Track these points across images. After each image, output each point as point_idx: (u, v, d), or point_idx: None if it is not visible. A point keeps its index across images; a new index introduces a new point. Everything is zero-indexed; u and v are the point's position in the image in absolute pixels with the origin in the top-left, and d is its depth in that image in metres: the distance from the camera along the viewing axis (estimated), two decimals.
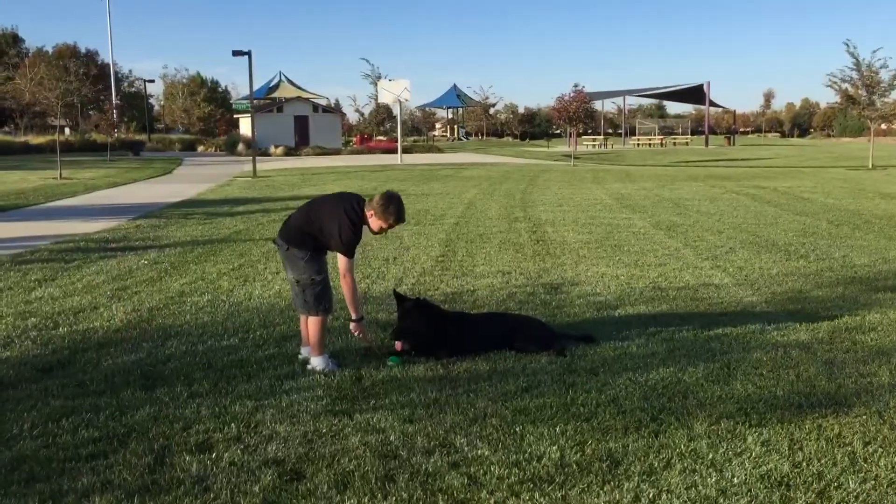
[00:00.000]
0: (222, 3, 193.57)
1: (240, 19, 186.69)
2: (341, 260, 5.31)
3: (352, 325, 5.50)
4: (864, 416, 4.41)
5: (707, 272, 8.83)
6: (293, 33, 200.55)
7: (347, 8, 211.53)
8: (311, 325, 5.43)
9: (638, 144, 68.03)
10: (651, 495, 3.52)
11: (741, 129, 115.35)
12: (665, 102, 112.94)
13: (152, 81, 69.56)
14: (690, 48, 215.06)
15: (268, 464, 3.84)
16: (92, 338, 6.17)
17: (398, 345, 5.62)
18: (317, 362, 5.38)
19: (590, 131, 75.44)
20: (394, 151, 42.84)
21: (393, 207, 5.32)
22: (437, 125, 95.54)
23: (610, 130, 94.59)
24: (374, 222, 5.34)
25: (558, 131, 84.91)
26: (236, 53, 28.38)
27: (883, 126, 49.03)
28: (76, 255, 10.04)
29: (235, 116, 61.90)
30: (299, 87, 67.23)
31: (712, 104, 75.44)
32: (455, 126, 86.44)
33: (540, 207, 16.03)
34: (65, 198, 18.98)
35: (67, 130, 53.52)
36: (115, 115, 44.38)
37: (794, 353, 5.64)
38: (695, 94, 74.21)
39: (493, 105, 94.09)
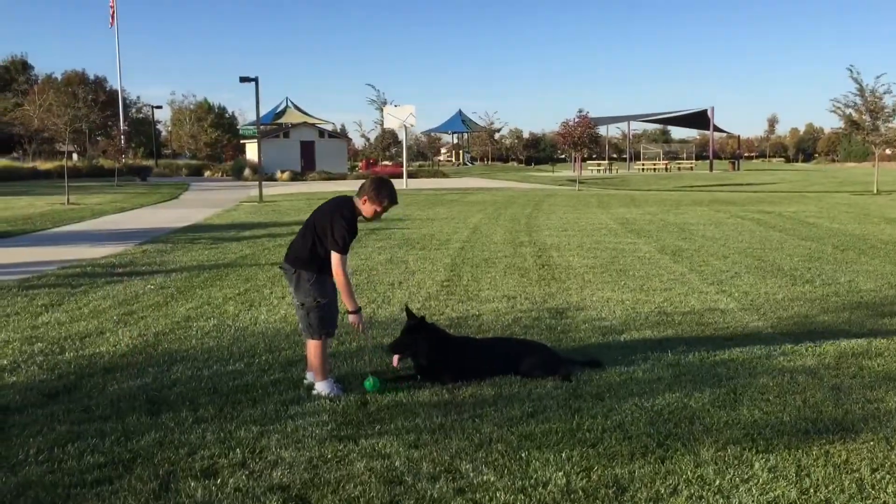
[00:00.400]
0: (230, 30, 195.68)
1: (247, 46, 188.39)
2: (334, 256, 5.32)
3: (350, 318, 5.46)
4: (872, 443, 4.38)
5: (712, 297, 8.82)
6: (300, 59, 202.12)
7: (354, 34, 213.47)
8: (310, 349, 5.47)
9: (643, 169, 68.14)
10: None
11: (745, 154, 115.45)
12: (669, 127, 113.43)
13: (160, 107, 70.37)
14: (695, 73, 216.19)
15: (273, 490, 3.84)
16: (98, 363, 6.18)
17: (395, 359, 5.63)
18: (321, 387, 5.38)
19: (594, 156, 75.73)
20: (399, 176, 42.99)
21: (385, 190, 5.44)
22: (443, 150, 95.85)
23: (615, 155, 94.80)
24: (368, 207, 5.41)
25: (563, 156, 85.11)
26: (244, 80, 28.63)
27: (887, 151, 49.01)
28: (83, 280, 10.08)
29: (242, 142, 62.30)
30: (305, 113, 67.68)
31: (716, 129, 75.66)
32: (460, 151, 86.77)
33: (545, 232, 16.06)
34: (72, 223, 19.08)
35: (75, 156, 53.88)
36: (122, 141, 44.71)
37: (800, 378, 5.62)
38: (699, 119, 74.48)
39: (498, 130, 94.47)
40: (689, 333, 7.08)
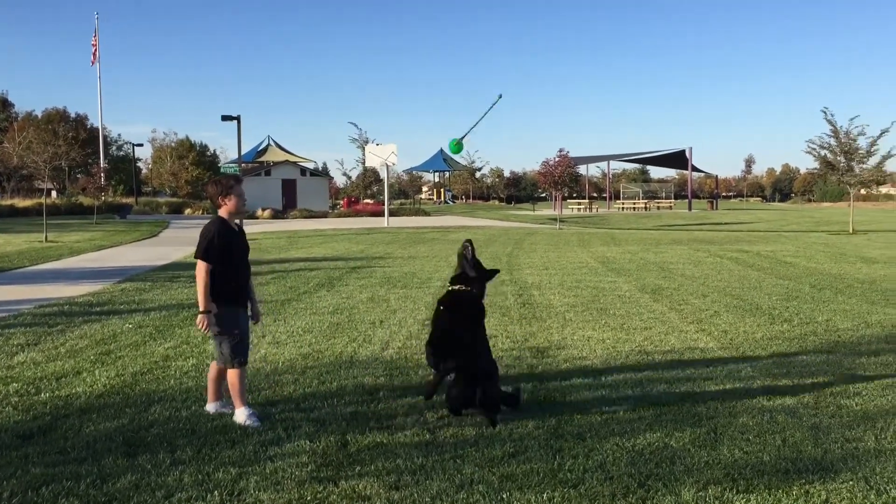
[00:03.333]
0: (212, 69, 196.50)
1: (230, 84, 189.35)
2: (199, 265, 5.48)
3: (199, 318, 5.48)
4: (851, 482, 4.40)
5: (692, 336, 8.87)
6: (282, 98, 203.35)
7: (336, 73, 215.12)
8: (229, 378, 5.58)
9: (622, 208, 68.74)
10: None
11: (723, 194, 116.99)
12: (648, 167, 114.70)
13: (141, 145, 70.21)
14: (673, 114, 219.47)
15: None
16: (74, 403, 6.09)
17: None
18: (239, 414, 5.51)
19: (575, 195, 76.32)
20: (381, 214, 43.10)
21: (223, 179, 5.78)
22: (424, 188, 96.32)
23: (595, 194, 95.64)
24: (232, 202, 5.69)
25: (544, 195, 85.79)
26: (225, 118, 28.75)
27: (862, 191, 49.84)
28: (60, 320, 9.97)
29: None
30: (287, 151, 67.81)
31: (695, 169, 76.59)
32: (441, 189, 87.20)
33: (526, 270, 16.11)
34: (50, 261, 18.90)
35: (54, 193, 53.63)
36: (102, 179, 44.51)
37: (779, 417, 5.65)
38: (677, 159, 75.41)
39: (479, 169, 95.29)
40: (669, 372, 7.10)
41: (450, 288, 6.02)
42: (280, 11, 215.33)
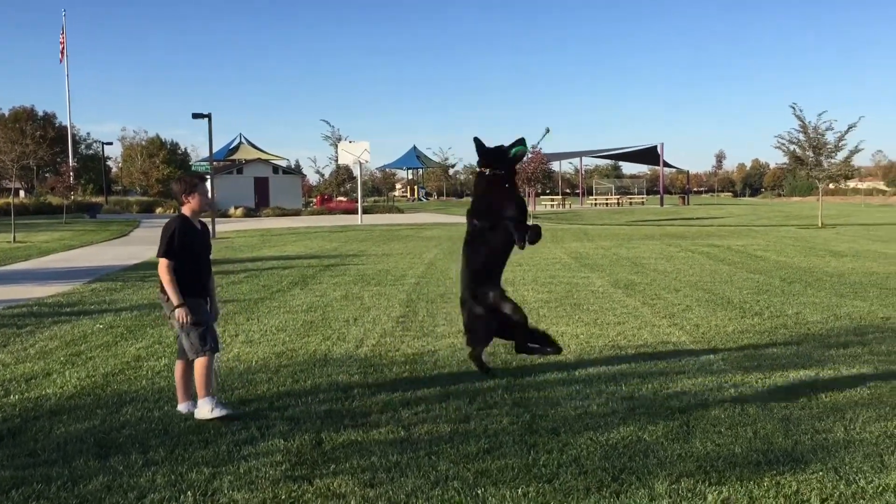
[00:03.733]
0: (183, 66, 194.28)
1: (200, 82, 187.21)
2: (161, 262, 5.51)
3: (176, 312, 5.46)
4: (821, 473, 4.47)
5: (665, 330, 8.95)
6: (254, 96, 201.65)
7: (308, 70, 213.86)
8: (197, 366, 5.55)
9: (595, 204, 69.15)
10: None
11: (695, 189, 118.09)
12: (621, 163, 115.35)
13: (110, 144, 69.62)
14: (645, 110, 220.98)
15: None
16: (44, 405, 6.02)
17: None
18: (202, 405, 5.50)
19: (548, 191, 76.59)
20: (354, 212, 42.97)
21: (186, 177, 5.84)
22: (398, 185, 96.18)
23: (567, 190, 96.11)
24: (195, 200, 5.72)
25: None
26: (196, 116, 28.45)
27: (831, 186, 50.53)
28: (29, 321, 9.82)
29: None
30: (259, 149, 67.38)
31: (666, 165, 77.22)
32: (415, 186, 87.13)
33: None
34: (18, 261, 18.62)
35: (22, 193, 52.81)
36: (71, 178, 43.92)
37: (751, 410, 5.72)
38: (649, 155, 75.95)
39: (453, 166, 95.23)
40: (642, 366, 7.16)
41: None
42: (251, 9, 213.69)
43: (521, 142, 6.72)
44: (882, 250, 20.20)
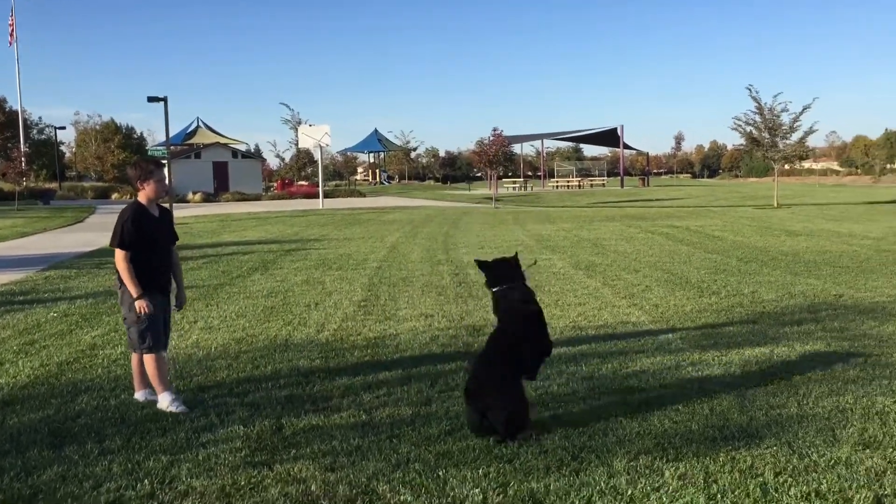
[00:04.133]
0: (137, 49, 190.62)
1: (155, 65, 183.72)
2: (117, 253, 5.41)
3: (136, 304, 5.39)
4: (775, 447, 4.55)
5: (624, 310, 9.04)
6: (210, 79, 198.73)
7: (265, 53, 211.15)
8: (146, 364, 5.50)
9: (557, 186, 69.49)
10: None
11: (654, 171, 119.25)
12: (582, 145, 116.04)
13: (63, 128, 67.95)
14: (605, 92, 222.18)
15: None
16: None
17: None
18: (162, 399, 5.45)
19: (510, 174, 76.75)
20: (315, 196, 42.64)
21: (142, 163, 5.64)
22: (359, 169, 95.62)
23: (529, 173, 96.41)
24: (151, 187, 5.54)
25: (479, 174, 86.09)
26: (151, 99, 27.88)
27: (786, 166, 51.41)
28: None
29: None
30: (218, 133, 66.49)
31: (626, 147, 77.89)
32: (377, 170, 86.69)
33: (462, 250, 16.16)
34: None
35: None
36: (23, 163, 42.86)
37: (708, 387, 5.80)
38: (610, 137, 76.55)
39: (415, 149, 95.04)
40: (602, 346, 7.23)
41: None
42: None
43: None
44: (835, 229, 20.62)
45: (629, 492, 3.96)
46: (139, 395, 5.68)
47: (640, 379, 6.07)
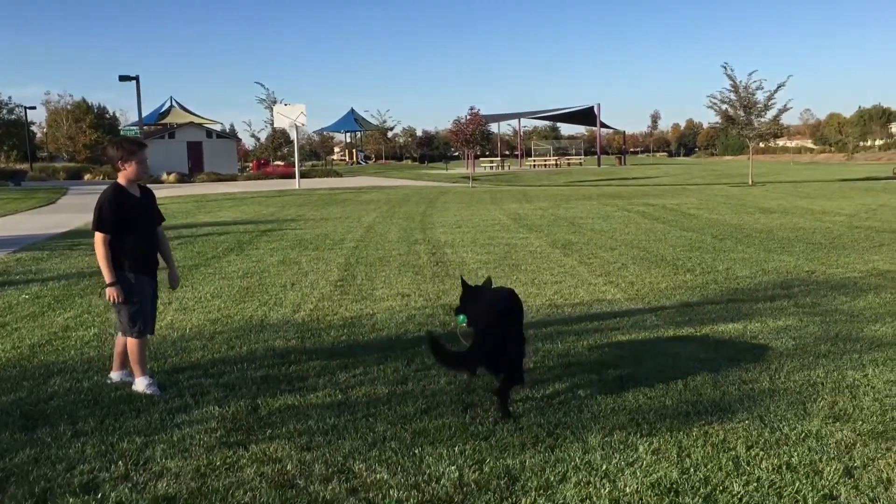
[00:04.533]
0: (108, 27, 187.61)
1: (127, 43, 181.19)
2: (96, 237, 5.30)
3: (107, 291, 5.32)
4: (747, 422, 4.61)
5: (601, 288, 9.08)
6: (184, 57, 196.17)
7: (240, 30, 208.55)
8: (129, 347, 5.44)
9: (534, 165, 69.55)
10: None
11: (631, 150, 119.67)
12: (559, 124, 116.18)
13: (34, 108, 67.07)
14: (581, 71, 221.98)
15: (158, 501, 3.71)
16: None
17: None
18: (139, 383, 5.41)
19: (487, 153, 76.71)
20: (291, 176, 42.37)
21: (125, 143, 5.51)
22: (336, 149, 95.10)
23: (507, 152, 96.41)
24: (132, 168, 5.41)
25: (456, 153, 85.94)
26: (123, 78, 27.57)
27: (761, 144, 51.76)
28: None
29: None
30: (192, 113, 65.78)
31: (603, 125, 78.03)
32: (353, 150, 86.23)
33: (439, 229, 16.15)
34: None
35: None
36: None
37: (681, 363, 5.86)
38: (586, 116, 76.64)
39: (392, 128, 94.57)
40: (578, 324, 7.26)
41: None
42: None
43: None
44: (808, 206, 20.83)
45: (604, 467, 4.00)
46: (115, 376, 5.63)
47: (615, 356, 6.11)
